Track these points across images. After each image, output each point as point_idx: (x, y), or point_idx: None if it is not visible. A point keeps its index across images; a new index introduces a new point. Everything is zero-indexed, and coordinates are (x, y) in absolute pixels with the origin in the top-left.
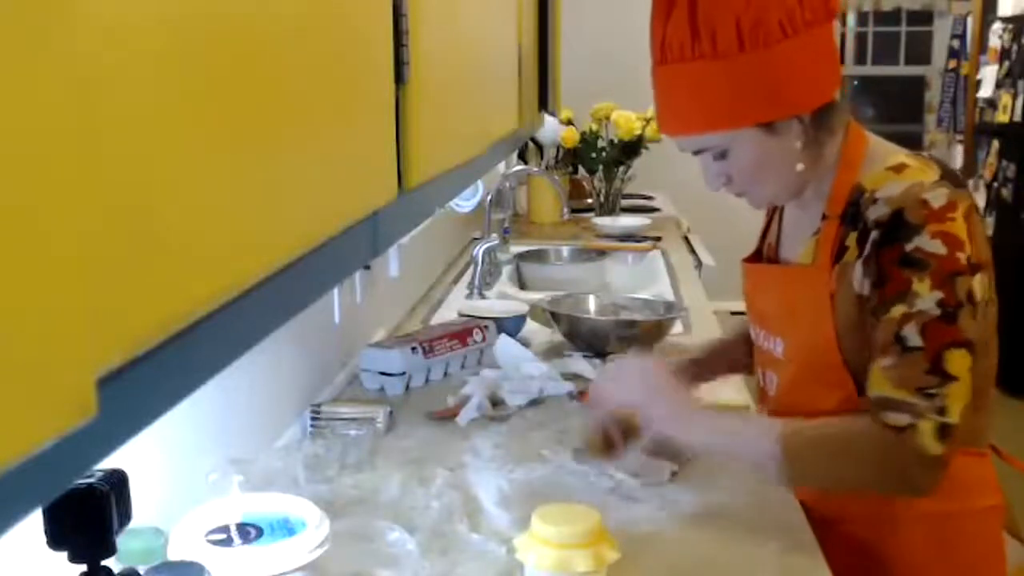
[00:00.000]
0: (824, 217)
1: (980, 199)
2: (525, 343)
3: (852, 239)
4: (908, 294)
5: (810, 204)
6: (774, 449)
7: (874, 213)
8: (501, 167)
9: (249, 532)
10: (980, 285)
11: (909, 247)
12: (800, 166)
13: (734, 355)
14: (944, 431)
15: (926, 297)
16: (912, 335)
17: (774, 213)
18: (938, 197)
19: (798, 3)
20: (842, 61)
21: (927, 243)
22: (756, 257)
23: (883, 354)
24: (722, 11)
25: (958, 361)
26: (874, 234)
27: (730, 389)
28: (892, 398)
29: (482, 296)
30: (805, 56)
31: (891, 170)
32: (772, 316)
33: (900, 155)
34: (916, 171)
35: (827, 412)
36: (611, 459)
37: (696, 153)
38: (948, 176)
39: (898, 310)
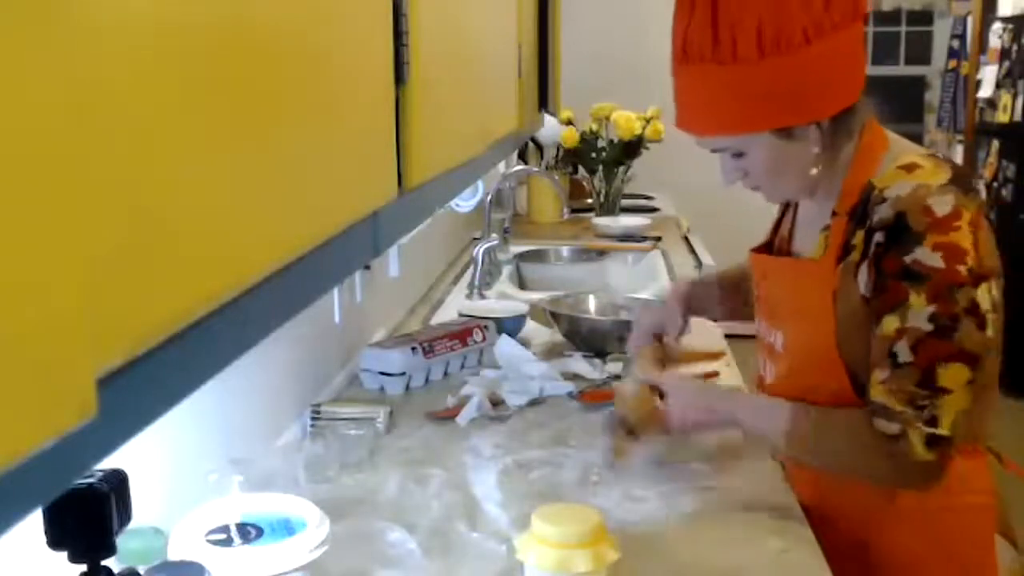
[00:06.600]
0: (834, 214)
1: None
2: (525, 343)
3: (859, 237)
4: (902, 307)
5: (822, 200)
6: (785, 420)
7: (879, 213)
8: (501, 167)
9: (249, 532)
10: (985, 294)
11: (908, 259)
12: (815, 170)
13: (730, 292)
14: (933, 440)
15: (920, 312)
16: (903, 351)
17: (788, 206)
18: (943, 204)
19: (824, 7)
20: None
21: (927, 256)
22: (766, 249)
23: (878, 367)
24: (745, 15)
25: (951, 375)
26: (878, 235)
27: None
28: (885, 405)
29: (482, 296)
30: (828, 61)
31: (902, 168)
32: (776, 307)
33: (914, 154)
34: (926, 172)
35: (819, 403)
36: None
37: (714, 151)
38: (958, 180)
39: (891, 324)
